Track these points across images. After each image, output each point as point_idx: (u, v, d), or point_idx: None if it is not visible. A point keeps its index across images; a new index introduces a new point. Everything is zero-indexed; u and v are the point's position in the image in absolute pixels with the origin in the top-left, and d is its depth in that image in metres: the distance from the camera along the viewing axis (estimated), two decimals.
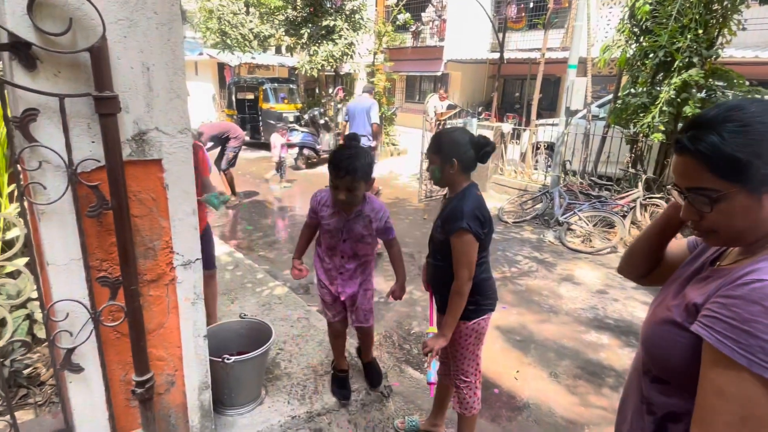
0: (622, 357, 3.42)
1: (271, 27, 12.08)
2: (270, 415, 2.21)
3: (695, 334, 0.80)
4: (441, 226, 1.94)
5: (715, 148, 0.81)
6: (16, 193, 2.35)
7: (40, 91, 1.28)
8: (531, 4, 14.43)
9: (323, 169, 9.87)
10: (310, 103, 12.21)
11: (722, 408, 0.72)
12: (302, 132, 9.80)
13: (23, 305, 2.81)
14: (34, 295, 1.82)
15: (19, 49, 1.25)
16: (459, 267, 1.85)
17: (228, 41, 12.34)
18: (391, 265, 2.38)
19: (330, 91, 12.84)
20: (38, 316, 2.83)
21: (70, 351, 1.48)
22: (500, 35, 9.42)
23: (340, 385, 2.44)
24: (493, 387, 3.03)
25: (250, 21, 12.38)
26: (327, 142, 10.29)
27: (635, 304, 4.26)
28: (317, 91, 13.80)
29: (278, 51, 16.63)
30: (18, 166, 1.34)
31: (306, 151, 9.84)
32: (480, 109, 9.27)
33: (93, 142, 1.41)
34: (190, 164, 1.62)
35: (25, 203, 1.42)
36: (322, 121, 10.41)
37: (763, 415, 0.71)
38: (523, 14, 14.59)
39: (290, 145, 9.45)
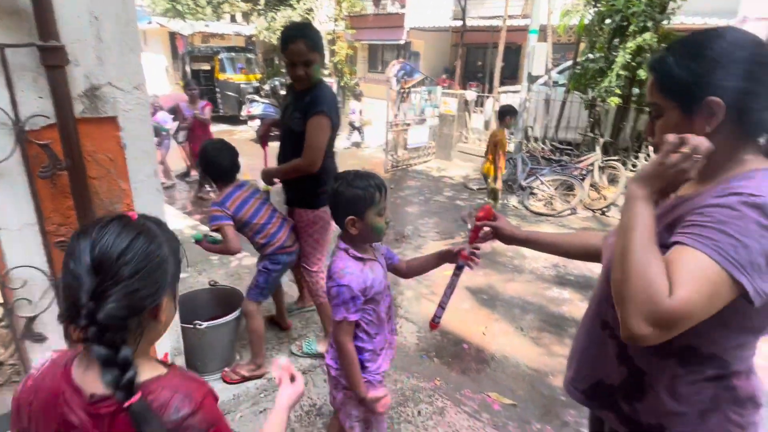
0: (582, 309, 3.57)
1: None
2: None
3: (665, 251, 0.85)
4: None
5: (667, 68, 0.90)
6: None
7: None
8: None
9: None
10: (270, 74, 11.81)
11: (701, 284, 0.77)
12: (263, 103, 9.51)
13: None
14: None
15: None
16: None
17: (179, 8, 11.68)
18: None
19: None
20: None
21: (31, 320, 1.42)
22: (462, 1, 9.31)
23: None
24: (463, 343, 3.14)
25: None
26: None
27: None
28: (276, 60, 13.34)
29: (233, 19, 15.89)
30: None
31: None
32: (444, 76, 9.21)
33: (41, 97, 1.32)
34: (149, 122, 1.55)
35: None
36: (283, 92, 10.11)
37: (722, 296, 0.78)
38: None
39: (251, 117, 9.18)
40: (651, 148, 6.11)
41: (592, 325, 1.11)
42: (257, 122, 9.47)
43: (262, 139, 2.69)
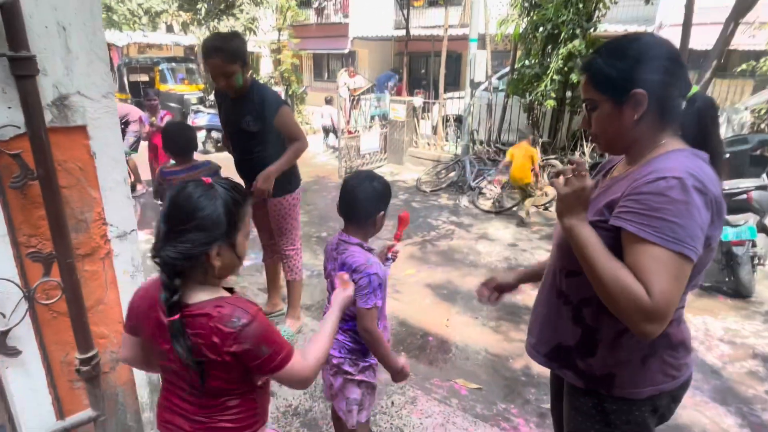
0: (533, 297, 3.86)
1: (163, 2, 11.15)
2: None
3: (609, 228, 1.02)
4: None
5: (598, 67, 1.08)
6: None
7: None
8: None
9: None
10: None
11: (658, 272, 0.93)
12: (208, 113, 9.31)
13: None
14: None
15: None
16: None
17: (114, 17, 11.20)
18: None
19: None
20: None
21: (4, 333, 1.39)
22: (404, 12, 9.61)
23: None
24: (428, 336, 3.28)
25: None
26: None
27: (541, 252, 4.78)
28: None
29: (170, 29, 15.40)
30: None
31: (214, 134, 9.37)
32: (392, 84, 9.47)
33: (10, 107, 1.31)
34: (117, 130, 1.56)
35: None
36: None
37: (683, 273, 0.95)
38: None
39: (197, 128, 8.96)
40: (586, 145, 6.61)
41: (549, 295, 1.26)
42: (203, 132, 9.25)
43: (229, 147, 2.74)
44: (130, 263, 1.69)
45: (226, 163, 2.74)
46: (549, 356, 1.26)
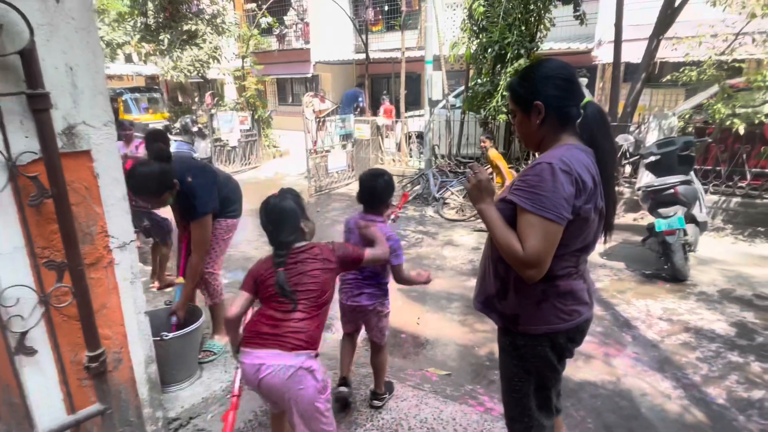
0: None
1: (125, 34, 11.26)
2: (210, 384, 2.42)
3: (510, 202, 1.38)
4: None
5: (514, 86, 1.48)
6: None
7: None
8: (386, 8, 15.50)
9: None
10: (178, 112, 11.68)
11: (530, 232, 1.31)
12: (176, 141, 9.39)
13: None
14: None
15: None
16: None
17: None
18: None
19: (197, 98, 12.40)
20: None
21: (24, 334, 1.58)
22: (363, 37, 10.09)
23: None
24: (401, 333, 3.54)
25: (99, 28, 11.38)
26: (204, 149, 9.99)
27: None
28: (181, 99, 13.19)
29: (128, 59, 15.43)
30: None
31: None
32: (361, 99, 9.86)
33: (27, 137, 1.54)
34: (117, 153, 1.80)
35: None
36: (195, 129, 10.07)
37: (550, 233, 1.30)
38: (380, 17, 15.63)
39: None
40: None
41: (484, 260, 1.61)
42: None
43: None
44: (129, 271, 1.90)
45: None
46: (483, 303, 1.61)
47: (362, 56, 13.97)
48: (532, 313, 1.44)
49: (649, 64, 6.20)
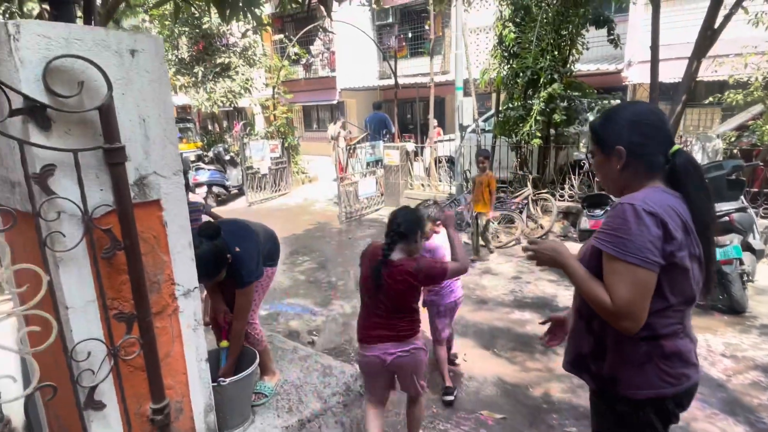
0: (544, 327, 4.03)
1: None
2: (264, 429, 2.35)
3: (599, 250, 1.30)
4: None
5: (596, 127, 1.41)
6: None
7: (57, 148, 1.40)
8: (410, 35, 15.76)
9: (234, 205, 9.76)
10: (210, 141, 11.98)
11: (616, 280, 1.23)
12: (209, 170, 9.62)
13: None
14: None
15: (35, 111, 1.38)
16: None
17: None
18: None
19: (225, 125, 12.69)
20: None
21: (93, 389, 1.56)
22: (391, 63, 10.23)
23: None
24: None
25: None
26: (235, 177, 10.19)
27: (544, 284, 5.00)
28: (210, 127, 13.56)
29: None
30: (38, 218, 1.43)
31: (215, 189, 9.65)
32: (386, 130, 9.94)
33: (102, 189, 1.55)
34: (185, 201, 1.80)
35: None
36: (227, 157, 10.30)
37: (639, 279, 1.21)
38: (404, 44, 15.89)
39: (198, 185, 9.23)
40: (574, 178, 7.00)
41: (574, 313, 1.51)
42: (204, 188, 9.52)
43: None
44: (192, 318, 1.88)
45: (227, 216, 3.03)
46: (572, 363, 1.50)
47: (386, 82, 14.16)
48: (634, 376, 1.32)
49: (689, 86, 6.05)
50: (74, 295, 1.52)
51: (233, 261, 2.34)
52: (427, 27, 13.00)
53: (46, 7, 3.47)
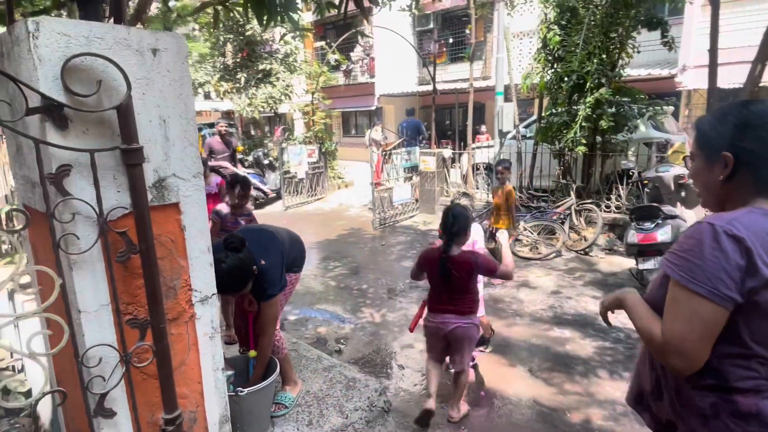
0: (585, 347, 3.78)
1: (205, 74, 12.11)
2: None
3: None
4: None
5: (702, 126, 1.17)
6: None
7: (73, 148, 1.37)
8: (450, 40, 15.59)
9: (270, 209, 9.88)
10: (251, 145, 12.24)
11: (673, 309, 1.04)
12: (249, 173, 9.79)
13: None
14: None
15: (52, 110, 1.35)
16: None
17: None
18: None
19: (267, 130, 12.95)
20: (11, 386, 2.69)
21: (103, 396, 1.51)
22: (430, 69, 10.11)
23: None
24: (479, 390, 3.24)
25: None
26: (273, 181, 10.33)
27: (587, 300, 4.70)
28: (252, 132, 13.87)
29: (207, 96, 16.57)
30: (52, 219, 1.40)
31: (254, 192, 9.80)
32: (422, 136, 9.81)
33: (119, 191, 1.51)
34: (204, 205, 1.74)
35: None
36: (266, 162, 10.47)
37: (700, 313, 1.01)
38: (444, 49, 15.74)
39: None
40: (621, 188, 6.61)
41: (643, 346, 1.31)
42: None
43: None
44: (210, 325, 1.82)
45: (264, 219, 3.02)
46: (635, 399, 1.32)
47: (425, 88, 14.05)
48: (694, 428, 1.11)
49: (752, 92, 5.59)
50: (87, 299, 1.48)
51: (258, 274, 2.28)
52: (467, 31, 12.80)
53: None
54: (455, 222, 2.63)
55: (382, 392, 2.80)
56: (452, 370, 2.89)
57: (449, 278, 2.63)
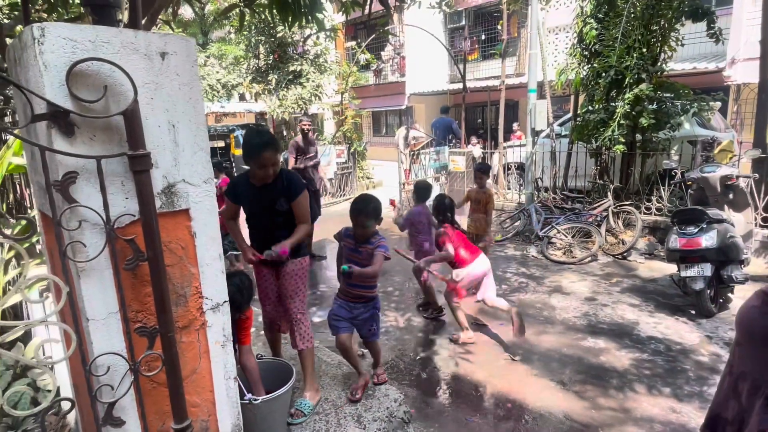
0: (621, 358, 3.56)
1: (238, 76, 12.33)
2: None
3: None
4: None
5: None
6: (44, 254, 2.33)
7: (79, 154, 1.35)
8: (483, 37, 15.29)
9: None
10: (282, 145, 12.39)
11: None
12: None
13: (23, 374, 2.74)
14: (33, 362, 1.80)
15: (58, 117, 1.33)
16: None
17: None
18: None
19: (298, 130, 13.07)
20: (41, 383, 2.76)
21: (112, 405, 1.49)
22: (461, 67, 9.92)
23: None
24: (506, 402, 3.09)
25: (217, 72, 12.61)
26: None
27: (624, 308, 4.45)
28: (284, 133, 14.02)
29: (242, 98, 16.90)
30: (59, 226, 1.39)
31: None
32: (452, 134, 9.63)
33: (127, 198, 1.48)
34: (215, 211, 1.71)
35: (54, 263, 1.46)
36: None
37: None
38: (476, 46, 15.44)
39: None
40: (663, 189, 6.24)
41: (726, 368, 1.21)
42: None
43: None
44: (221, 333, 1.78)
45: None
46: (709, 425, 1.22)
47: (456, 86, 13.83)
48: None
49: None
50: (95, 307, 1.47)
51: (282, 174, 2.52)
52: (499, 27, 12.50)
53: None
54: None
55: (402, 402, 2.71)
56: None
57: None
